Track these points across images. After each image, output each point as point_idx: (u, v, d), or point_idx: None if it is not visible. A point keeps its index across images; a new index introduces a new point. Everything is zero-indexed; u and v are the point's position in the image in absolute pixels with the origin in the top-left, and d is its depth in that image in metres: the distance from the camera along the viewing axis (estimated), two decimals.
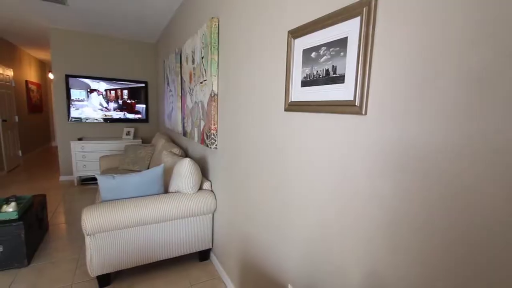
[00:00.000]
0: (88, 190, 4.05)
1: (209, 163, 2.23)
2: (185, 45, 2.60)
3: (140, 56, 4.76)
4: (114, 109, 4.60)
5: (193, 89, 2.41)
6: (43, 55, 6.56)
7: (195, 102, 2.35)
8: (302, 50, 1.07)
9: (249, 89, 1.52)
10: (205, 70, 2.05)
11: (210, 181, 2.22)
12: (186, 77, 2.65)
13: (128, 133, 4.61)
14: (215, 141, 2.00)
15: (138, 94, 4.75)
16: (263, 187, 1.42)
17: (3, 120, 4.69)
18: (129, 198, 1.87)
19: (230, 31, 1.74)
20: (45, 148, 7.54)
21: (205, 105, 2.10)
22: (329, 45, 0.95)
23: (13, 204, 2.13)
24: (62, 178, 4.50)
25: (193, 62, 2.37)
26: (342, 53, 0.90)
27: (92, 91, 4.42)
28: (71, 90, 4.28)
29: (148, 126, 5.00)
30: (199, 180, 2.05)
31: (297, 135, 1.14)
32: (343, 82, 0.90)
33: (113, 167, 3.52)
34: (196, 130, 2.37)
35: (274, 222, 1.34)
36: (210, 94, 1.96)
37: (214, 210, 2.13)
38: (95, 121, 4.51)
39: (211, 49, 1.91)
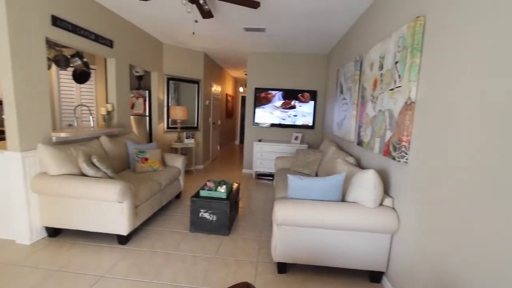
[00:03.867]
0: (261, 184, 4.80)
1: (392, 177, 2.02)
2: (370, 51, 2.51)
3: (312, 67, 5.13)
4: (288, 116, 5.21)
5: (377, 97, 2.28)
6: (236, 73, 8.46)
7: (380, 110, 2.20)
8: None
9: (475, 97, 1.22)
10: (399, 75, 1.88)
11: (392, 197, 2.00)
12: (367, 85, 2.55)
13: (296, 138, 5.08)
14: (406, 154, 1.78)
15: (307, 100, 5.14)
16: (497, 224, 1.09)
17: (213, 123, 6.45)
18: (311, 200, 2.01)
19: (443, 28, 1.49)
20: (231, 145, 9.72)
21: (395, 114, 1.92)
22: None
23: (224, 186, 2.85)
24: (244, 171, 5.60)
25: (380, 68, 2.24)
26: None
27: (270, 101, 5.21)
28: (258, 101, 5.24)
29: (313, 133, 5.29)
30: (382, 195, 1.90)
31: None
32: None
33: (286, 167, 3.96)
34: (377, 140, 2.22)
35: None
36: (405, 102, 1.77)
37: (395, 231, 1.90)
38: (270, 126, 5.28)
39: (411, 51, 1.72)
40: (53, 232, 2.53)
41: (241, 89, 9.63)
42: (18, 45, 2.19)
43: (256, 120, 5.30)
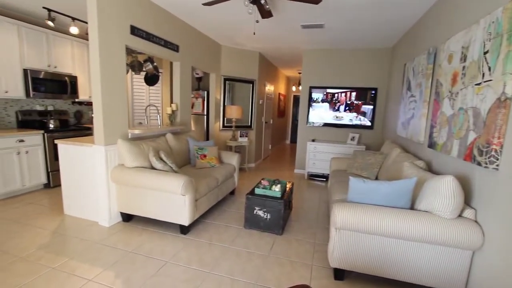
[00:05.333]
0: (314, 185, 4.67)
1: (476, 186, 1.75)
2: (449, 41, 2.21)
3: (373, 63, 4.77)
4: (344, 111, 4.96)
5: (457, 93, 1.99)
6: (289, 72, 8.39)
7: (460, 108, 1.93)
8: None
9: None
10: (489, 67, 1.61)
11: (474, 209, 1.73)
12: (444, 79, 2.26)
13: (352, 139, 4.80)
14: (497, 159, 1.52)
15: (366, 98, 4.81)
16: None
17: (265, 122, 6.51)
18: (375, 205, 1.86)
19: None
20: (281, 144, 9.69)
21: (482, 112, 1.65)
22: None
23: (278, 185, 2.84)
24: (296, 171, 5.52)
25: (462, 60, 1.95)
26: None
27: (326, 100, 5.02)
28: (312, 99, 5.11)
29: (372, 133, 4.93)
30: (462, 205, 1.66)
31: None
32: None
33: (342, 169, 3.77)
34: (456, 142, 1.95)
35: None
36: (498, 98, 1.51)
37: (478, 248, 1.64)
38: (324, 125, 5.09)
39: (508, 38, 1.45)
40: (127, 218, 2.85)
41: (293, 88, 9.52)
42: (105, 54, 2.53)
43: (310, 120, 5.17)
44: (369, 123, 4.84)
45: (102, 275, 1.97)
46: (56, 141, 2.89)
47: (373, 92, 4.75)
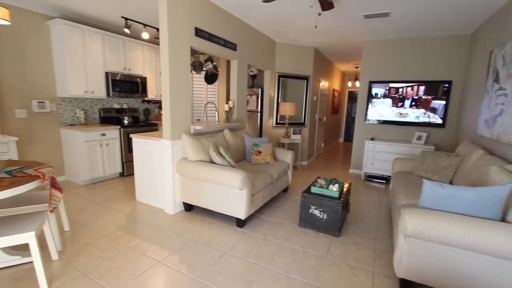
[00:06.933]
0: (372, 187, 4.35)
1: None
2: None
3: (446, 52, 4.21)
4: (410, 108, 4.51)
5: None
6: (345, 67, 7.96)
7: None
8: None
9: None
10: None
11: None
12: None
13: (419, 138, 4.33)
14: None
15: (437, 92, 4.28)
16: None
17: (319, 119, 6.31)
18: (454, 213, 1.64)
19: None
20: (334, 143, 9.29)
21: None
22: None
23: (336, 185, 2.72)
24: (352, 171, 5.23)
25: None
26: None
27: (388, 95, 4.63)
28: (372, 95, 4.76)
29: (444, 132, 4.38)
30: None
31: None
32: None
33: (406, 171, 3.44)
34: None
35: None
36: None
37: None
38: (385, 123, 4.70)
39: None
40: (188, 207, 3.07)
41: (349, 84, 9.02)
42: (173, 56, 2.74)
43: (369, 117, 4.83)
44: (440, 121, 4.31)
45: (169, 258, 2.15)
46: (131, 135, 3.26)
47: (446, 85, 4.21)
